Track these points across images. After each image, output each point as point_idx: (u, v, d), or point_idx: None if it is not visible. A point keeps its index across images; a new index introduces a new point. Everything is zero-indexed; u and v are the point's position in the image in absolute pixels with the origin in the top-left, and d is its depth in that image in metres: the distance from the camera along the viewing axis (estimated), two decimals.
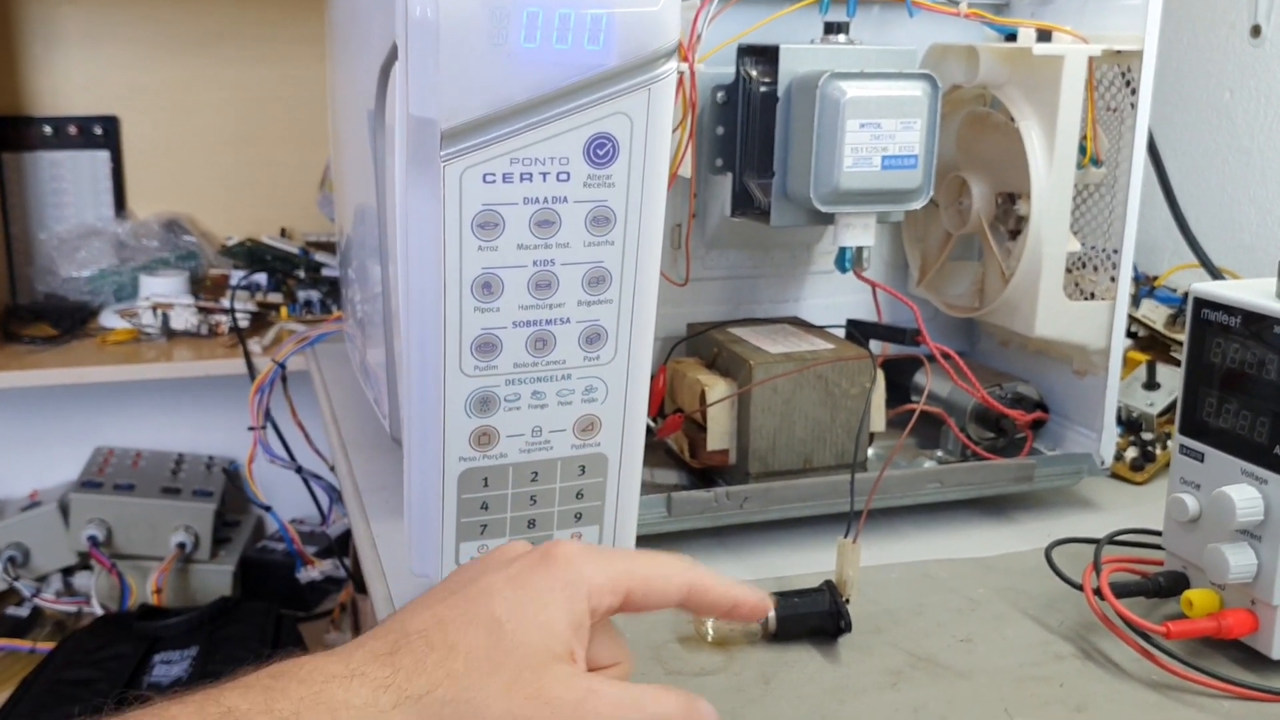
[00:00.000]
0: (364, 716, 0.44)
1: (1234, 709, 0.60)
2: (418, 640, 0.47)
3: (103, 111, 1.78)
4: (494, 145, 0.53)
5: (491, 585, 0.49)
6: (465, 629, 0.47)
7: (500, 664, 0.46)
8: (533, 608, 0.48)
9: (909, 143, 0.73)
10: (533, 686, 0.46)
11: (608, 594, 0.49)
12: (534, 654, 0.47)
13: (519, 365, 0.59)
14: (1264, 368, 0.61)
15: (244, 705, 0.43)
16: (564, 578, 0.49)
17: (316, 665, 0.46)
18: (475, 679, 0.46)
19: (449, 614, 0.48)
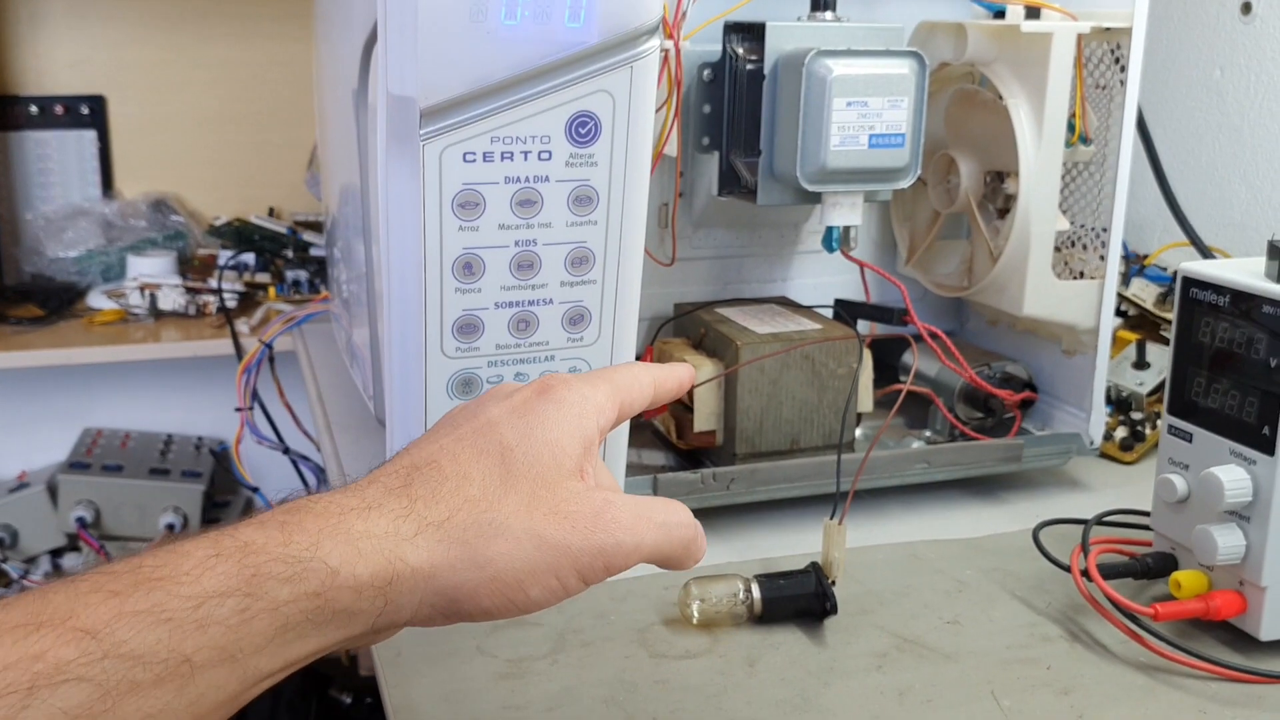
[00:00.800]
0: (386, 545, 0.43)
1: (1221, 690, 0.60)
2: (430, 471, 0.46)
3: (89, 91, 1.76)
4: (474, 124, 0.52)
5: (496, 416, 0.48)
6: (477, 457, 0.47)
7: (515, 485, 0.46)
8: (540, 430, 0.47)
9: (896, 121, 0.73)
10: (549, 503, 0.46)
11: (608, 409, 0.50)
12: (547, 472, 0.46)
13: (501, 347, 0.58)
14: (1253, 347, 0.61)
15: (260, 539, 0.41)
16: (568, 400, 0.49)
17: (332, 500, 0.44)
18: (492, 501, 0.45)
19: (457, 446, 0.47)
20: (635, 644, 0.64)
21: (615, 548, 0.46)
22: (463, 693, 0.59)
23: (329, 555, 0.41)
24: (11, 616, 0.36)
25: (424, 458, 0.47)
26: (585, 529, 0.46)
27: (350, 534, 0.42)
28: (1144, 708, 0.59)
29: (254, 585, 0.40)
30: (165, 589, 0.39)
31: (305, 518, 0.43)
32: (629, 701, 0.59)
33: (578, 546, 0.45)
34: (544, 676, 0.61)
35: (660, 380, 0.53)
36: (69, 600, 0.37)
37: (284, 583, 0.40)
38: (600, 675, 0.61)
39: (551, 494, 0.46)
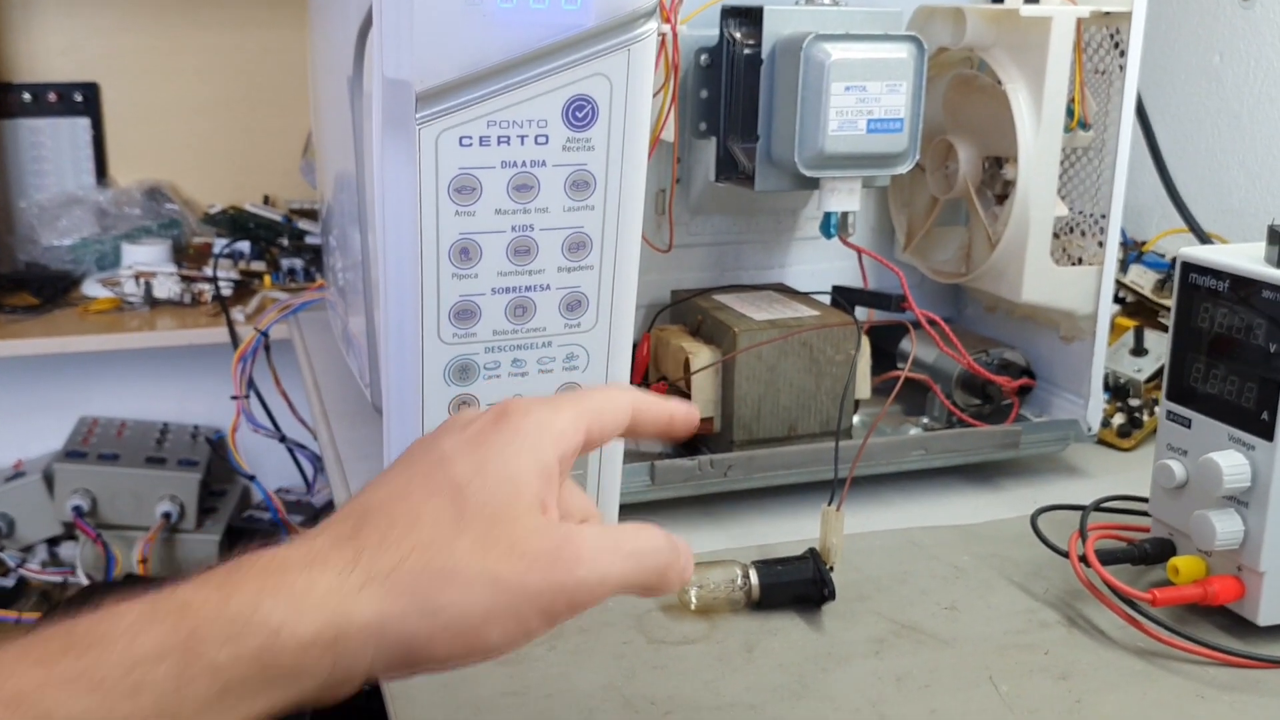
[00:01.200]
0: (330, 601, 0.40)
1: (1219, 675, 0.60)
2: (379, 516, 0.43)
3: (82, 78, 1.75)
4: (470, 108, 0.52)
5: (449, 451, 0.45)
6: (428, 498, 0.44)
7: (468, 525, 0.43)
8: (495, 464, 0.44)
9: (895, 106, 0.73)
10: (505, 541, 0.43)
11: (571, 435, 0.46)
12: (502, 509, 0.43)
13: (498, 333, 0.58)
14: (1252, 333, 0.61)
15: (198, 599, 0.39)
16: (524, 428, 0.46)
17: (276, 555, 0.42)
18: (443, 544, 0.42)
19: (409, 486, 0.45)
20: (633, 630, 0.64)
21: (577, 585, 0.43)
22: (461, 679, 0.59)
23: (270, 614, 0.39)
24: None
25: (375, 501, 0.44)
26: (544, 567, 0.43)
27: (293, 591, 0.40)
28: (1142, 692, 0.59)
29: (190, 647, 0.38)
30: (95, 654, 0.37)
31: (246, 575, 0.40)
32: (627, 687, 0.59)
33: (536, 586, 0.43)
34: (542, 662, 0.61)
35: (643, 407, 0.50)
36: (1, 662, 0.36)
37: (223, 644, 0.38)
38: (598, 660, 0.61)
39: (508, 531, 0.43)
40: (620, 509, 0.69)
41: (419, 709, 0.57)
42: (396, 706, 0.57)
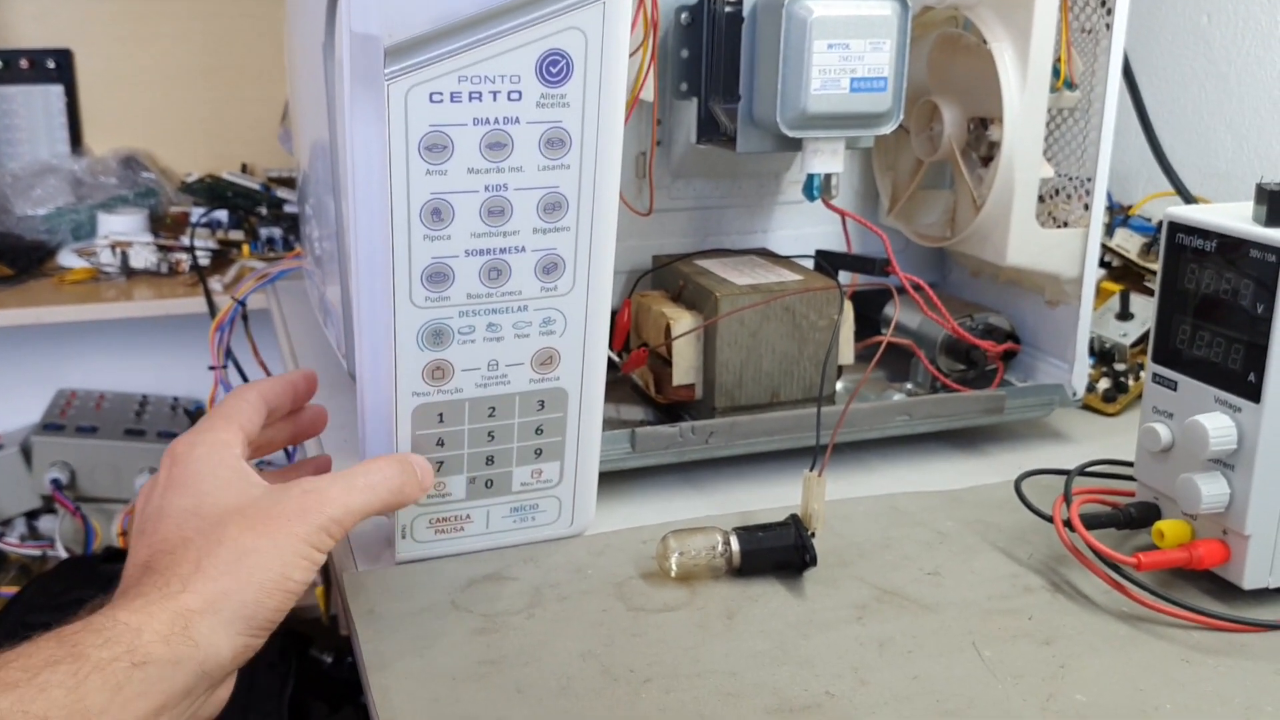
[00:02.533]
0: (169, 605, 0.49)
1: (1205, 639, 0.60)
2: (157, 561, 0.51)
3: (55, 44, 1.72)
4: (440, 63, 0.51)
5: (159, 506, 0.54)
6: (179, 532, 0.53)
7: (223, 524, 0.52)
8: (204, 482, 0.54)
9: (878, 64, 0.71)
10: (261, 517, 0.53)
11: (230, 438, 0.57)
12: (237, 502, 0.54)
13: (472, 296, 0.57)
14: (1239, 294, 0.60)
15: (66, 629, 0.47)
16: (197, 455, 0.56)
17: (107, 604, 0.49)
18: (219, 543, 0.51)
19: (155, 540, 0.53)
20: (613, 597, 0.63)
21: (331, 521, 0.54)
22: (438, 648, 0.58)
23: (128, 620, 0.47)
24: None
25: (141, 561, 0.52)
26: (302, 518, 0.53)
27: (133, 606, 0.48)
28: (1126, 657, 0.58)
29: (76, 652, 0.45)
30: (4, 669, 0.44)
31: (96, 613, 0.48)
32: (606, 655, 0.58)
33: (303, 534, 0.53)
34: (520, 631, 0.60)
35: (266, 386, 0.62)
36: None
37: (100, 646, 0.46)
38: (577, 629, 0.60)
39: (257, 510, 0.53)
40: (601, 476, 0.68)
41: (394, 679, 0.56)
42: (372, 677, 0.56)
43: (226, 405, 0.60)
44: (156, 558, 0.52)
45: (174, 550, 0.52)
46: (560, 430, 0.63)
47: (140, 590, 0.50)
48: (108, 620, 0.47)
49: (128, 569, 0.53)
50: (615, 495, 0.74)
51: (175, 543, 0.52)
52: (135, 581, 0.51)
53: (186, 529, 0.52)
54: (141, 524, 0.54)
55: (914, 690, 0.55)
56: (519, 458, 0.63)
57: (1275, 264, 0.58)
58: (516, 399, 0.61)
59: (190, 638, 0.48)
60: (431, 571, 0.65)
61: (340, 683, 1.31)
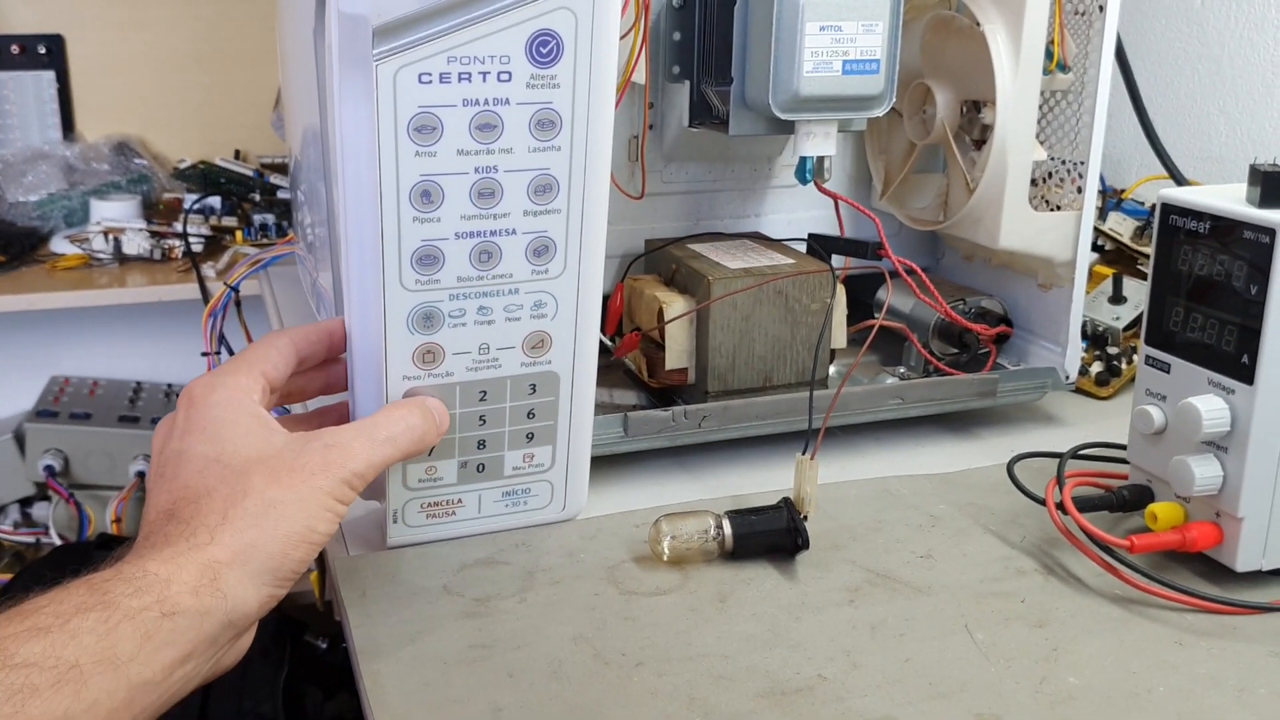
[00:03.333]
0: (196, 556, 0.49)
1: (1197, 621, 0.60)
2: (181, 509, 0.51)
3: (47, 30, 1.72)
4: (429, 43, 0.50)
5: (178, 447, 0.54)
6: (201, 478, 0.52)
7: (247, 472, 0.52)
8: (224, 428, 0.54)
9: (871, 47, 0.71)
10: (285, 468, 0.53)
11: (251, 385, 0.57)
12: (260, 450, 0.53)
13: (463, 279, 0.56)
14: (1232, 275, 0.60)
15: (96, 576, 0.47)
16: (215, 399, 0.55)
17: (131, 552, 0.50)
18: (245, 493, 0.51)
19: (176, 483, 0.53)
20: (605, 581, 0.63)
21: (354, 475, 0.54)
22: (429, 632, 0.58)
23: (157, 571, 0.48)
24: None
25: (163, 505, 0.52)
26: (325, 471, 0.53)
27: (162, 556, 0.49)
28: (1119, 640, 0.58)
29: (107, 600, 0.45)
30: (36, 614, 0.44)
31: (123, 561, 0.49)
32: (598, 639, 0.58)
33: (327, 487, 0.53)
34: (512, 615, 0.60)
35: (300, 334, 0.60)
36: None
37: (130, 595, 0.46)
38: (569, 613, 0.60)
39: (280, 461, 0.53)
40: (593, 460, 0.68)
41: (385, 663, 0.56)
42: (363, 661, 0.56)
43: (252, 350, 0.59)
44: (180, 505, 0.52)
45: (198, 499, 0.52)
46: (552, 414, 0.63)
47: (167, 539, 0.50)
48: (137, 570, 0.47)
49: (149, 513, 0.53)
50: (608, 479, 0.74)
51: (198, 490, 0.52)
52: (159, 528, 0.51)
53: (209, 477, 0.52)
54: (160, 467, 0.54)
55: (906, 673, 0.55)
56: (510, 442, 0.63)
57: (1269, 245, 0.57)
58: (508, 383, 0.61)
59: (218, 589, 0.49)
60: (423, 556, 0.65)
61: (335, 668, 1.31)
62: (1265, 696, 0.54)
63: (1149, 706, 0.53)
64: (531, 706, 0.53)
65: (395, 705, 0.53)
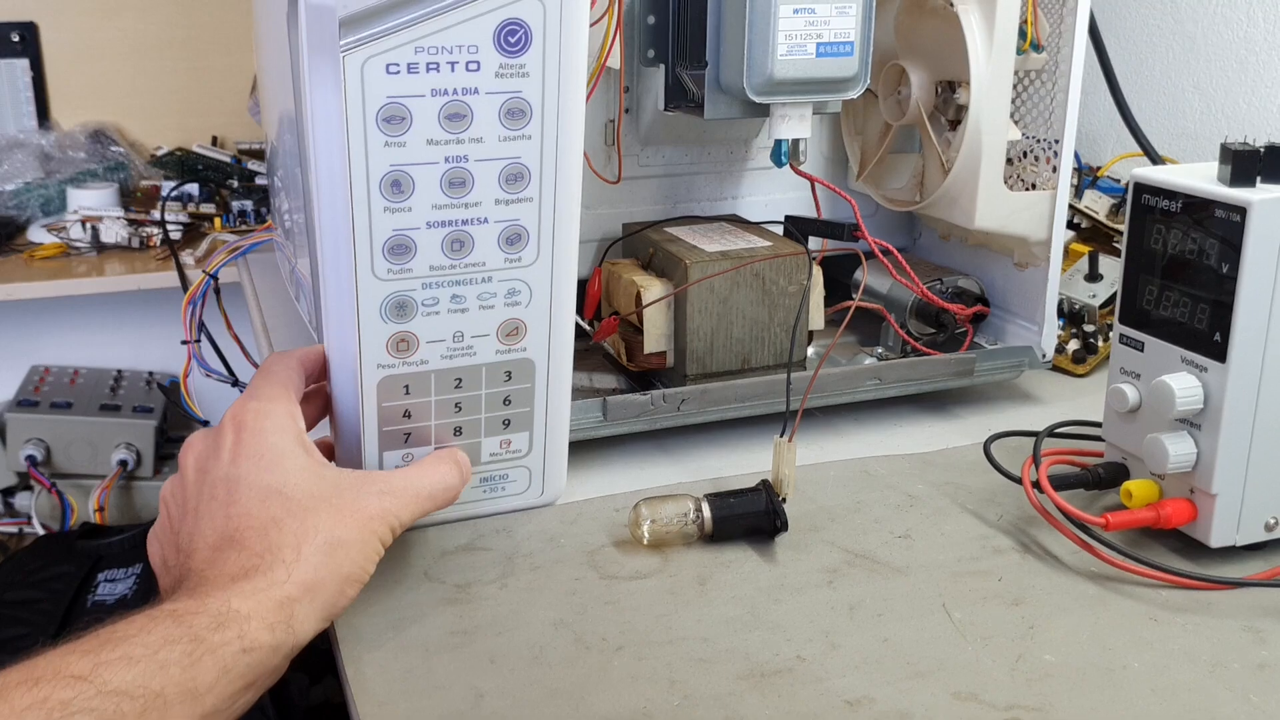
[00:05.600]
0: (274, 594, 0.51)
1: (1172, 597, 0.60)
2: (245, 538, 0.53)
3: (19, 17, 1.70)
4: (396, 33, 0.50)
5: (229, 473, 0.55)
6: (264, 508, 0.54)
7: (313, 508, 0.54)
8: (272, 451, 0.56)
9: (844, 29, 0.71)
10: (348, 510, 0.55)
11: (296, 414, 0.58)
12: (323, 489, 0.55)
13: (435, 268, 0.56)
14: (1205, 254, 0.60)
15: (182, 606, 0.49)
16: (266, 427, 0.56)
17: (209, 581, 0.52)
18: (314, 528, 0.54)
19: (234, 510, 0.54)
20: (585, 566, 0.63)
21: (401, 525, 0.58)
22: (410, 619, 0.59)
23: (239, 607, 0.50)
24: (11, 677, 0.44)
25: (222, 529, 0.54)
26: (380, 520, 0.56)
27: (242, 591, 0.51)
28: (1095, 616, 0.59)
29: (193, 635, 0.48)
30: (127, 644, 0.47)
31: (206, 591, 0.51)
32: (578, 623, 0.58)
33: (379, 534, 0.56)
34: (493, 600, 0.60)
35: (305, 354, 0.62)
36: (52, 661, 0.45)
37: (214, 630, 0.49)
38: (549, 598, 0.60)
39: (342, 500, 0.56)
40: (572, 445, 0.68)
41: (367, 649, 0.56)
42: (345, 649, 0.57)
43: (279, 372, 0.60)
44: (245, 534, 0.53)
45: (264, 530, 0.53)
46: (528, 401, 0.63)
47: (245, 572, 0.52)
48: (221, 605, 0.50)
49: (203, 532, 0.54)
50: (587, 464, 0.74)
51: (264, 521, 0.54)
52: (225, 555, 0.53)
53: (273, 507, 0.54)
54: (211, 488, 0.55)
55: (884, 653, 0.56)
56: (487, 429, 0.63)
57: (1240, 223, 0.58)
58: (483, 370, 0.61)
59: (290, 626, 0.51)
60: (404, 543, 0.65)
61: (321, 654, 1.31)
62: (1239, 671, 0.54)
63: (1124, 682, 0.54)
64: (513, 691, 0.53)
65: (378, 692, 0.53)
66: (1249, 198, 0.58)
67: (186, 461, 0.58)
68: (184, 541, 0.56)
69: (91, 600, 1.36)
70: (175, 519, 0.58)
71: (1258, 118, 1.01)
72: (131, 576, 1.42)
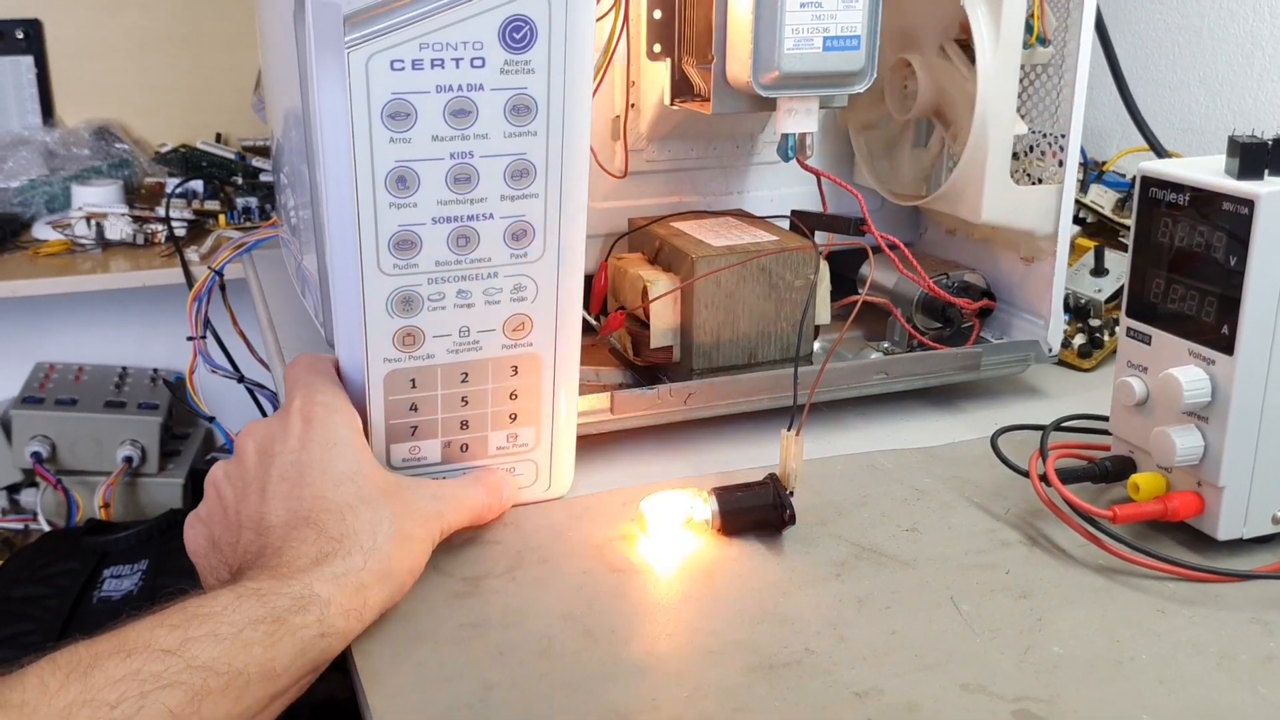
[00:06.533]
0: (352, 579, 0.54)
1: (1179, 590, 0.60)
2: (321, 520, 0.55)
3: (24, 14, 1.71)
4: (401, 30, 0.50)
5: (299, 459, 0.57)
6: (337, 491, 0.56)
7: (384, 504, 0.57)
8: (342, 442, 0.58)
9: (851, 23, 0.71)
10: (412, 514, 0.58)
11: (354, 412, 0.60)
12: (380, 480, 0.58)
13: (441, 263, 0.56)
14: (1212, 247, 0.60)
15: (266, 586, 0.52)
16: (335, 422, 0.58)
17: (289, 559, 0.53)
18: (387, 521, 0.56)
19: (308, 492, 0.56)
20: (593, 559, 0.63)
21: (445, 529, 0.61)
22: (419, 612, 0.59)
23: (319, 591, 0.52)
24: (103, 648, 0.46)
25: (297, 510, 0.56)
26: (435, 522, 0.59)
27: (324, 575, 0.53)
28: (1102, 609, 0.59)
29: (275, 614, 0.50)
30: (213, 621, 0.49)
31: (288, 570, 0.53)
32: (587, 616, 0.58)
33: (432, 537, 0.59)
34: (502, 594, 0.60)
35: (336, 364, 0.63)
36: (142, 634, 0.48)
37: (296, 613, 0.51)
38: (558, 590, 0.60)
39: (408, 497, 0.59)
40: (580, 439, 0.68)
41: (376, 643, 0.56)
42: (356, 642, 0.57)
43: (329, 371, 0.62)
44: (320, 515, 0.55)
45: (341, 513, 0.55)
46: (535, 395, 0.63)
47: (324, 556, 0.54)
48: (304, 588, 0.52)
49: (274, 511, 0.56)
50: (595, 457, 0.74)
51: (339, 505, 0.56)
52: (299, 534, 0.55)
53: (346, 493, 0.56)
54: (281, 470, 0.57)
55: (892, 645, 0.56)
56: (494, 422, 0.63)
57: (1247, 216, 0.58)
58: (489, 365, 0.61)
59: (362, 614, 0.54)
60: None
61: None
62: (1246, 663, 0.54)
63: (1132, 674, 0.54)
64: (522, 684, 0.53)
65: (387, 684, 0.53)
66: (1257, 190, 0.57)
67: (246, 446, 0.59)
68: (248, 520, 0.57)
69: (97, 596, 1.36)
70: (233, 499, 0.58)
71: (1264, 111, 1.01)
72: (137, 573, 1.42)
